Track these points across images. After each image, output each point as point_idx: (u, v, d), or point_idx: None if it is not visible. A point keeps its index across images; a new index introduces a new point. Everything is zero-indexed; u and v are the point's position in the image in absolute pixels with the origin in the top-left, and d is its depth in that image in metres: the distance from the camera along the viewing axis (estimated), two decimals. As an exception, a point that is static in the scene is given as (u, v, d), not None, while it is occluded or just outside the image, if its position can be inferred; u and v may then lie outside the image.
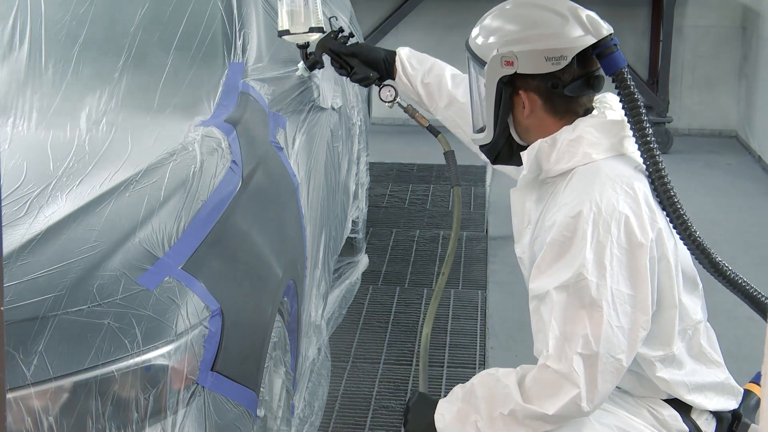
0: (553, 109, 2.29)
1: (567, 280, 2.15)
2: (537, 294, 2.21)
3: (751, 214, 5.81)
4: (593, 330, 2.12)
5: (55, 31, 2.97)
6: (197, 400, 2.11)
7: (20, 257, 2.11)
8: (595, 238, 2.14)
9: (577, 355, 2.12)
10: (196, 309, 2.15)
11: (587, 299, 2.13)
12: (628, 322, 2.14)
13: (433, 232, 5.49)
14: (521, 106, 2.30)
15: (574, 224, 2.16)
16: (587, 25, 2.28)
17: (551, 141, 2.27)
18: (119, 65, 2.89)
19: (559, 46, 2.23)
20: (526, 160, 2.31)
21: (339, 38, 2.88)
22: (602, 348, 2.12)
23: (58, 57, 2.91)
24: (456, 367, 4.00)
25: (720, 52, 7.61)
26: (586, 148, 2.24)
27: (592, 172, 2.22)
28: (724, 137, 7.54)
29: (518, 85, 2.28)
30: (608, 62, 2.26)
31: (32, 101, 2.79)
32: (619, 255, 2.15)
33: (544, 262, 2.20)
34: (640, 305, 2.15)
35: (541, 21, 2.28)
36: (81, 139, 2.61)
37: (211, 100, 2.82)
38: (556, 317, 2.16)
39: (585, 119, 2.29)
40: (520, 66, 2.25)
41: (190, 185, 2.43)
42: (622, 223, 2.15)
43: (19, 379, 1.93)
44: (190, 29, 2.99)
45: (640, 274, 2.15)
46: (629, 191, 2.19)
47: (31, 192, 2.34)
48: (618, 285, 2.14)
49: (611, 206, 2.16)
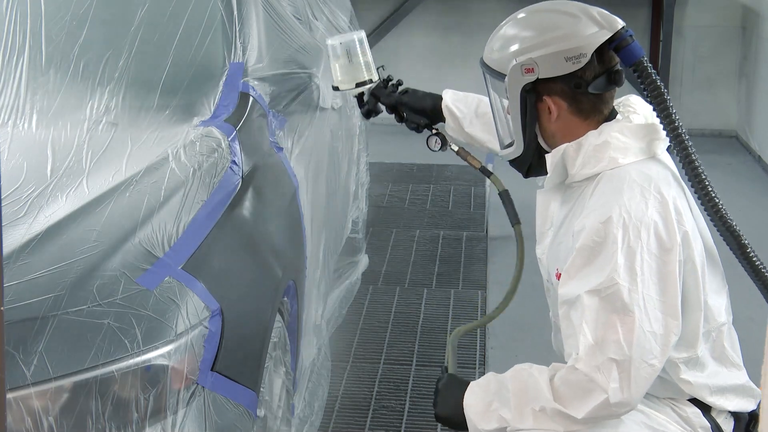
0: (579, 110, 2.28)
1: (599, 284, 2.15)
2: (567, 299, 2.20)
3: (751, 214, 5.81)
4: (625, 335, 2.12)
5: (55, 31, 2.97)
6: (197, 400, 2.11)
7: (20, 257, 2.11)
8: (626, 243, 2.15)
9: (609, 360, 2.12)
10: (196, 309, 2.15)
11: (619, 304, 2.13)
12: (660, 327, 2.14)
13: (433, 232, 5.49)
14: (547, 112, 2.29)
15: (604, 230, 2.16)
16: (600, 21, 2.27)
17: (576, 145, 2.28)
18: (119, 65, 2.89)
19: (577, 45, 2.23)
20: (550, 163, 2.31)
21: (388, 87, 2.92)
22: (635, 353, 2.12)
23: (58, 57, 2.91)
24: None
25: (720, 52, 7.61)
26: (613, 153, 2.24)
27: (620, 177, 2.22)
28: (724, 137, 7.54)
29: (541, 91, 2.27)
30: (626, 54, 2.25)
31: (32, 101, 2.79)
32: (649, 260, 2.15)
33: (573, 267, 2.20)
34: (670, 310, 2.16)
35: (554, 24, 2.27)
36: (81, 139, 2.60)
37: (211, 100, 2.82)
38: (587, 321, 2.15)
39: (610, 124, 2.29)
40: (541, 71, 2.24)
41: (190, 185, 2.43)
42: (651, 229, 2.16)
43: (19, 379, 1.93)
44: (190, 29, 2.99)
45: (670, 279, 2.16)
46: (657, 196, 2.19)
47: (31, 192, 2.34)
48: (649, 290, 2.14)
49: (641, 212, 2.16)
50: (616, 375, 2.11)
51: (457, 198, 6.06)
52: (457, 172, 6.51)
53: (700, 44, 7.60)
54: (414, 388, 3.83)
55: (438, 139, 2.87)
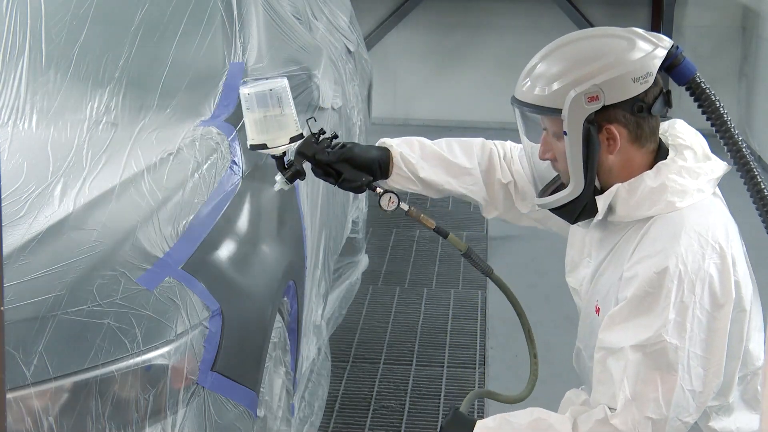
0: (638, 137, 2.16)
1: (646, 340, 2.08)
2: (608, 347, 2.13)
3: (751, 214, 5.80)
4: (665, 394, 2.07)
5: (56, 31, 2.97)
6: (197, 400, 2.11)
7: (20, 257, 2.11)
8: (679, 298, 2.07)
9: (646, 419, 2.06)
10: (196, 309, 2.15)
11: (663, 361, 2.07)
12: (701, 386, 2.09)
13: (433, 232, 5.48)
14: (605, 144, 2.16)
15: (658, 281, 2.08)
16: (652, 39, 2.17)
17: (629, 186, 2.17)
18: (119, 65, 2.89)
19: (642, 65, 2.11)
20: (602, 205, 2.18)
21: (321, 141, 2.46)
22: (672, 412, 2.07)
23: (58, 57, 2.91)
24: (456, 367, 4.01)
25: (720, 52, 7.61)
26: (670, 197, 2.14)
27: (676, 224, 2.12)
28: (724, 137, 7.54)
29: (601, 121, 2.14)
30: (680, 72, 2.17)
31: (32, 101, 2.79)
32: (701, 317, 2.08)
33: (621, 314, 2.12)
34: (714, 368, 2.10)
35: (608, 48, 2.15)
36: (81, 139, 2.60)
37: (211, 100, 2.82)
38: (628, 376, 2.08)
39: (667, 164, 2.18)
40: (608, 97, 2.11)
41: (190, 185, 2.43)
42: (706, 284, 2.08)
43: (19, 379, 1.93)
44: (190, 29, 2.99)
45: (718, 336, 2.09)
46: (716, 247, 2.10)
47: (31, 192, 2.34)
48: (695, 348, 2.08)
49: (697, 264, 2.08)
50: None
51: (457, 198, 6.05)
52: (457, 172, 6.51)
53: (700, 44, 7.59)
54: (414, 388, 3.83)
55: (392, 196, 2.48)
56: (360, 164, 2.46)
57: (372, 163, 2.48)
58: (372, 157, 2.49)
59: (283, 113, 2.41)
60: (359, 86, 4.48)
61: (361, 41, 4.91)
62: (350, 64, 4.32)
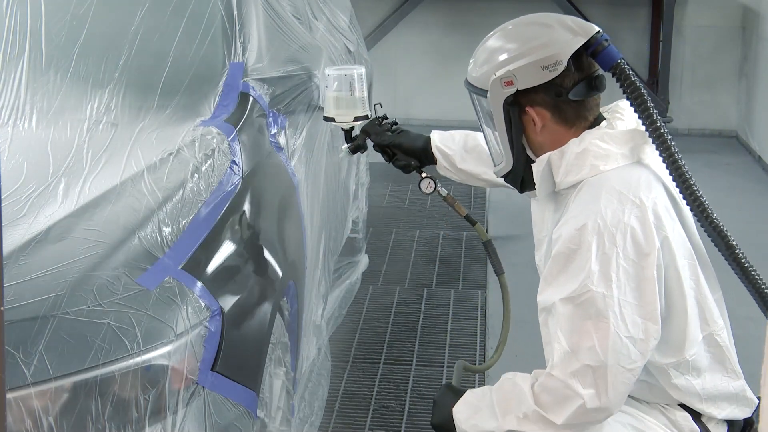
0: (563, 119, 2.29)
1: (572, 291, 2.15)
2: (544, 306, 2.23)
3: (751, 214, 5.81)
4: (600, 341, 2.12)
5: (55, 31, 2.97)
6: (197, 400, 2.11)
7: (20, 257, 2.11)
8: (601, 249, 2.15)
9: (585, 367, 2.13)
10: (196, 309, 2.15)
11: (593, 310, 2.13)
12: (639, 332, 2.14)
13: (433, 232, 5.49)
14: (531, 124, 2.30)
15: (578, 236, 2.17)
16: (574, 28, 2.28)
17: (559, 153, 2.28)
18: (119, 65, 2.89)
19: (551, 53, 2.24)
20: (536, 172, 2.31)
21: (383, 125, 2.87)
22: (610, 359, 2.12)
23: (58, 57, 2.91)
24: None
25: (720, 52, 7.61)
26: (593, 161, 2.25)
27: (598, 185, 2.22)
28: (724, 137, 7.54)
29: (524, 103, 2.28)
30: (603, 58, 2.26)
31: (32, 101, 2.79)
32: (626, 266, 2.15)
33: (550, 274, 2.21)
34: (650, 315, 2.15)
35: (528, 36, 2.30)
36: (81, 139, 2.61)
37: (211, 100, 2.82)
38: (562, 329, 2.16)
39: (592, 131, 2.29)
40: (520, 82, 2.26)
41: (190, 185, 2.43)
42: (627, 234, 2.15)
43: (19, 379, 1.93)
44: (190, 29, 2.99)
45: (648, 283, 2.15)
46: (636, 200, 2.19)
47: (31, 192, 2.34)
48: (626, 296, 2.14)
49: (616, 218, 2.16)
50: (592, 381, 2.12)
51: (458, 198, 6.02)
52: (457, 172, 6.51)
53: (700, 44, 7.59)
54: (414, 388, 3.83)
55: (431, 181, 2.86)
56: (407, 150, 2.87)
57: (417, 151, 2.87)
58: (417, 147, 2.87)
59: (353, 95, 2.85)
60: (359, 86, 4.47)
61: (361, 41, 4.91)
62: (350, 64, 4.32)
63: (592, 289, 2.13)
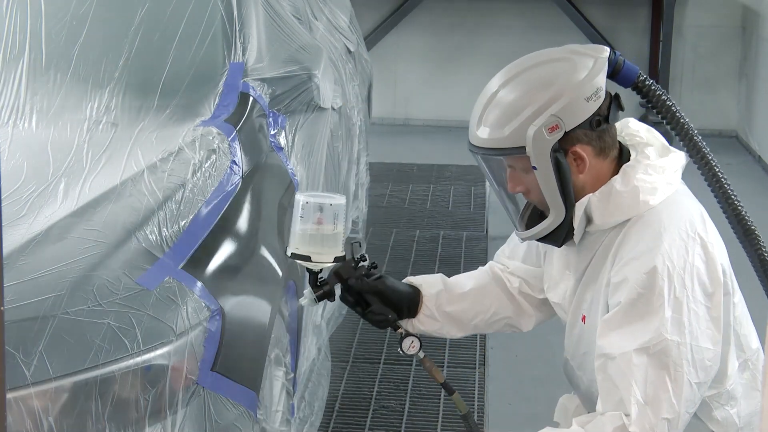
0: (603, 150, 2.18)
1: (648, 341, 2.08)
2: (607, 353, 2.12)
3: (751, 214, 5.81)
4: (676, 392, 2.08)
5: (55, 31, 2.97)
6: (197, 400, 2.11)
7: (20, 257, 2.11)
8: (672, 294, 2.09)
9: (662, 420, 2.07)
10: (196, 309, 2.15)
11: (668, 360, 2.08)
12: (705, 376, 2.11)
13: (433, 232, 5.49)
14: (574, 166, 2.17)
15: (649, 281, 2.09)
16: (590, 53, 2.18)
17: (600, 195, 2.18)
18: (119, 65, 2.89)
19: (589, 82, 2.13)
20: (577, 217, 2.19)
21: (359, 268, 2.38)
22: (683, 408, 2.09)
23: (58, 57, 2.91)
24: (456, 367, 4.00)
25: (720, 52, 7.61)
26: (643, 197, 2.16)
27: (655, 222, 2.14)
28: (724, 137, 7.54)
29: (566, 146, 2.15)
30: (624, 76, 2.18)
31: (32, 101, 2.79)
32: (696, 309, 2.10)
33: (616, 319, 2.12)
34: (714, 356, 2.12)
35: (553, 74, 2.16)
36: (81, 139, 2.61)
37: (211, 100, 2.82)
38: (636, 381, 2.08)
39: (632, 166, 2.19)
40: (567, 123, 2.12)
41: (190, 185, 2.43)
42: (695, 276, 2.11)
43: (19, 379, 1.93)
44: (190, 29, 2.99)
45: (716, 325, 2.12)
46: (697, 239, 2.13)
47: (31, 192, 2.34)
48: (697, 341, 2.09)
49: (683, 259, 2.10)
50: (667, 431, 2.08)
51: (457, 198, 6.06)
52: (457, 173, 6.51)
53: (700, 44, 7.59)
54: (414, 388, 3.83)
55: (415, 340, 2.42)
56: (389, 299, 2.42)
57: (402, 300, 2.45)
58: (403, 294, 2.45)
59: (335, 231, 2.31)
60: (359, 86, 4.48)
61: (361, 41, 4.91)
62: (350, 64, 4.32)
63: (667, 338, 2.07)
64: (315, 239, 2.28)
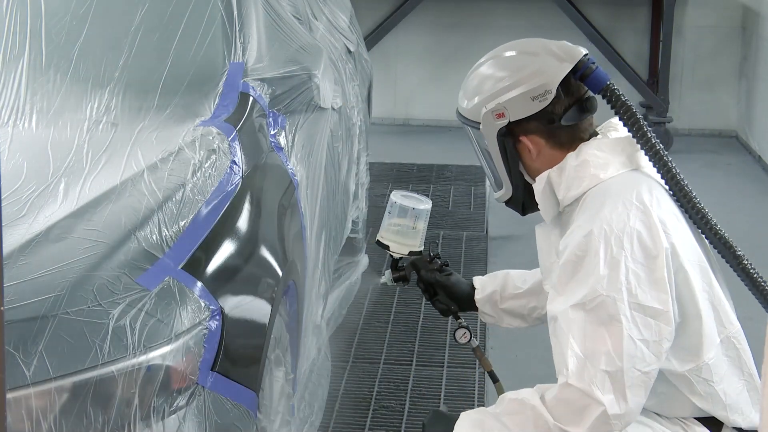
0: (559, 143, 2.31)
1: (582, 297, 2.14)
2: (553, 315, 2.20)
3: (751, 214, 5.81)
4: (615, 345, 2.11)
5: (55, 31, 2.97)
6: (197, 400, 2.12)
7: (20, 257, 2.11)
8: (609, 254, 2.14)
9: (602, 373, 2.10)
10: (196, 309, 2.15)
11: (605, 315, 2.12)
12: (652, 335, 2.13)
13: (433, 232, 5.48)
14: (527, 151, 2.33)
15: (585, 243, 2.16)
16: (560, 54, 2.29)
17: (558, 170, 2.29)
18: (119, 65, 2.89)
19: (540, 83, 2.26)
20: (537, 191, 2.32)
21: (432, 262, 2.81)
22: (626, 363, 2.10)
23: (58, 57, 2.91)
24: (456, 367, 4.01)
25: (720, 52, 7.60)
26: (593, 170, 2.25)
27: (601, 193, 2.23)
28: (724, 137, 7.54)
29: (517, 132, 2.31)
30: (592, 82, 2.28)
31: (32, 101, 2.79)
32: (635, 269, 2.14)
33: (559, 283, 2.20)
34: (662, 317, 2.14)
35: (515, 65, 2.32)
36: (81, 139, 2.61)
37: (211, 100, 2.82)
38: (575, 336, 2.14)
39: (588, 143, 2.31)
40: (511, 114, 2.29)
41: (190, 185, 2.43)
42: (634, 238, 2.15)
43: (19, 379, 1.93)
44: (190, 29, 2.99)
45: (659, 285, 2.14)
46: (639, 206, 2.18)
47: (31, 192, 2.34)
48: (636, 299, 2.13)
49: (622, 222, 2.16)
50: (610, 386, 2.10)
51: (457, 198, 6.05)
52: (457, 172, 6.51)
53: (700, 44, 7.59)
54: (414, 388, 3.83)
55: (466, 332, 2.75)
56: (453, 293, 2.79)
57: (462, 295, 2.79)
58: (464, 291, 2.80)
59: (415, 228, 2.79)
60: (359, 86, 4.48)
61: (361, 41, 4.91)
62: (350, 64, 4.32)
63: (603, 294, 2.12)
64: (397, 233, 2.79)
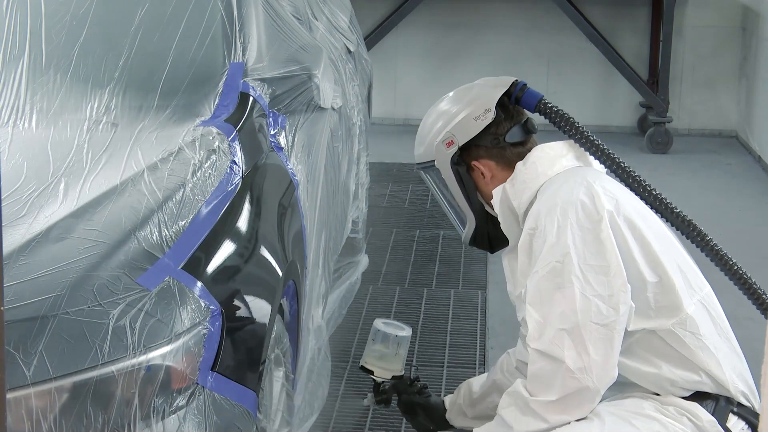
0: (508, 163, 2.51)
1: (536, 270, 2.29)
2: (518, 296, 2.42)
3: (751, 214, 5.81)
4: (569, 304, 2.23)
5: (55, 31, 2.97)
6: (197, 400, 2.12)
7: (20, 257, 2.11)
8: (555, 225, 2.28)
9: (559, 331, 2.22)
10: (196, 309, 2.15)
11: (557, 280, 2.25)
12: (605, 289, 2.24)
13: (433, 232, 5.49)
14: (481, 176, 2.53)
15: (534, 222, 2.33)
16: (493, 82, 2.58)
17: (511, 181, 2.47)
18: (119, 65, 2.89)
19: (478, 105, 2.53)
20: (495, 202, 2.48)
21: (412, 386, 3.04)
22: (581, 317, 2.21)
23: (58, 57, 2.91)
24: (456, 367, 4.01)
25: (720, 52, 7.60)
26: (541, 169, 2.43)
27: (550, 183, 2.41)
28: (724, 137, 7.54)
29: (468, 159, 2.54)
30: (526, 101, 2.54)
31: (32, 101, 2.79)
32: (581, 233, 2.27)
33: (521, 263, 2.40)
34: (613, 272, 2.25)
35: (454, 100, 2.62)
36: (81, 139, 2.61)
37: (211, 100, 2.82)
38: (532, 303, 2.29)
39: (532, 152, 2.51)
40: (459, 138, 2.53)
41: (190, 185, 2.43)
42: (579, 207, 2.29)
43: (19, 379, 1.93)
44: (190, 29, 2.99)
45: (606, 244, 2.27)
46: (584, 182, 2.33)
47: (31, 192, 2.34)
48: (585, 260, 2.25)
49: (566, 196, 2.31)
50: (570, 343, 2.21)
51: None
52: (457, 172, 6.51)
53: (700, 44, 7.59)
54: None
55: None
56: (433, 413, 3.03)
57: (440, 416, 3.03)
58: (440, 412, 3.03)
59: (397, 354, 3.01)
60: (359, 86, 4.48)
61: (361, 41, 4.91)
62: (350, 64, 4.32)
63: (552, 262, 2.26)
64: (380, 358, 3.00)
